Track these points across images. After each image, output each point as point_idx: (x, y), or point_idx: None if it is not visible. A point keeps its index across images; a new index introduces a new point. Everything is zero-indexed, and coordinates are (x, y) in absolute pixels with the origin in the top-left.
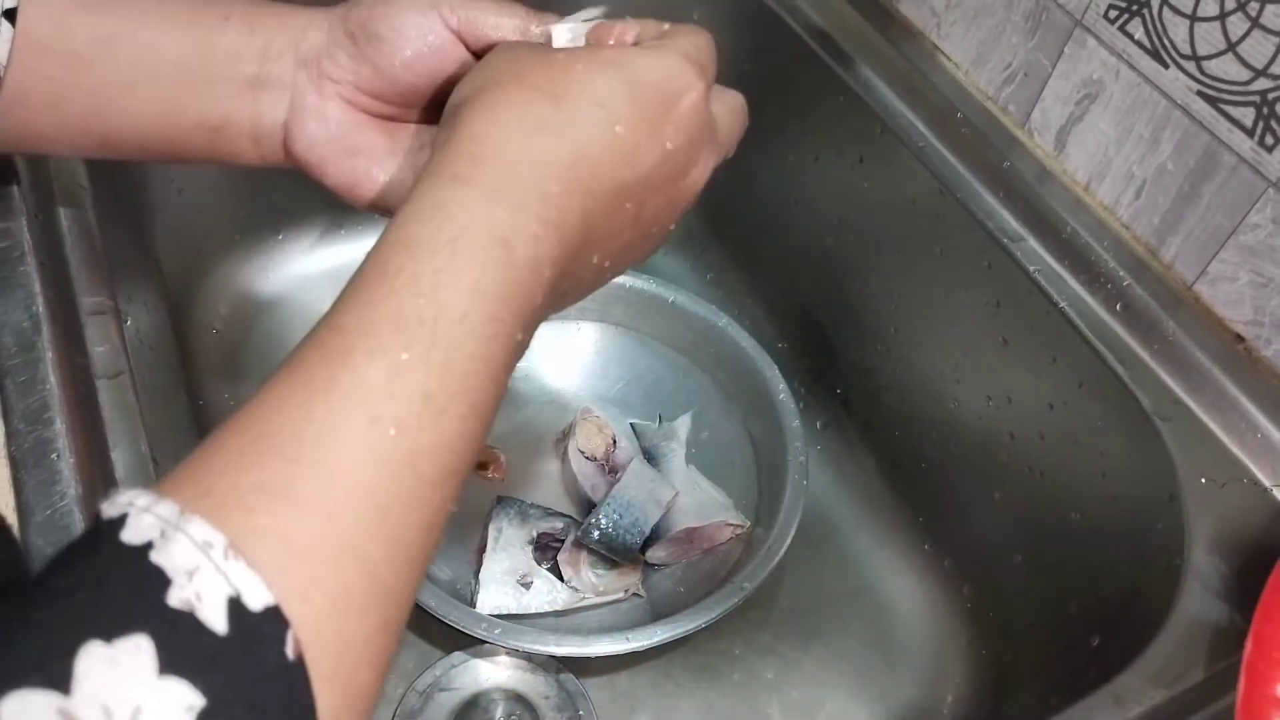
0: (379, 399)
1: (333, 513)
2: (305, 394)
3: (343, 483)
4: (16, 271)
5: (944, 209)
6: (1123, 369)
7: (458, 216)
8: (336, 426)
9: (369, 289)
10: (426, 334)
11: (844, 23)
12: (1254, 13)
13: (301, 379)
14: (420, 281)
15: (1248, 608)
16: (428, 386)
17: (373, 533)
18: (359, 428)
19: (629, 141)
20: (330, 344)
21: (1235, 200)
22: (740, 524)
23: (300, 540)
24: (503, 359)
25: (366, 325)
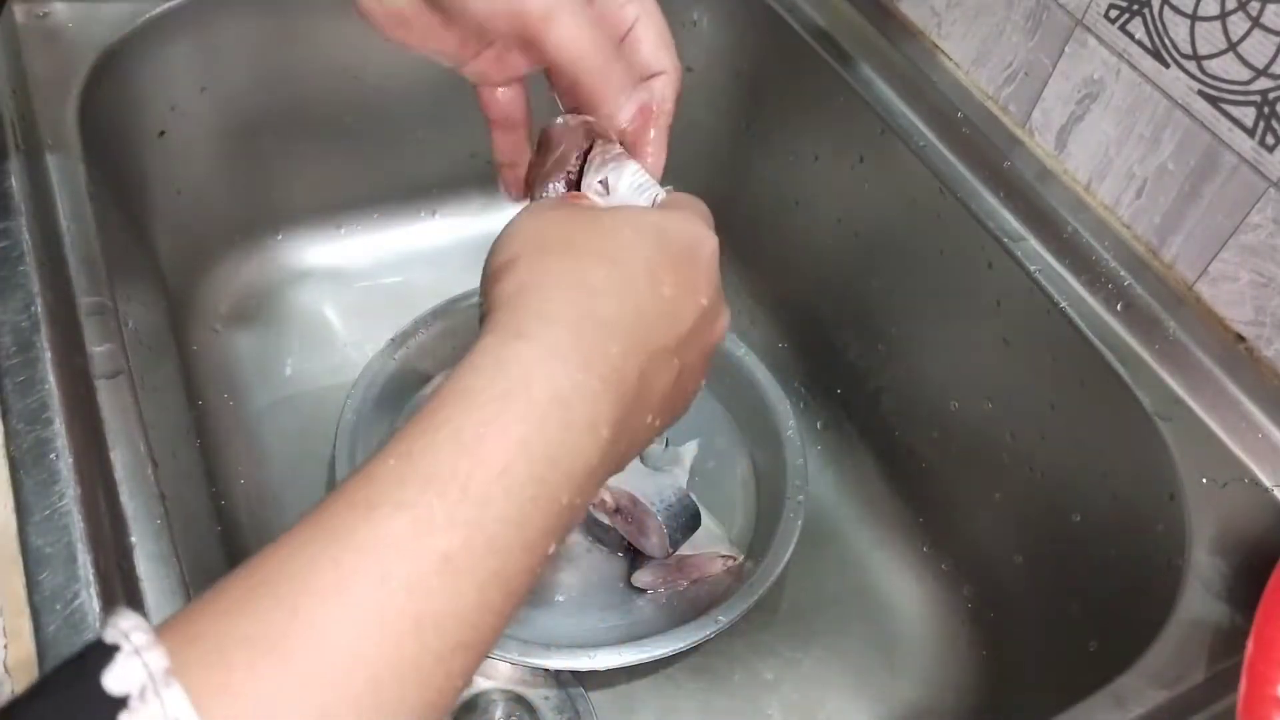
0: (393, 555)
1: (317, 678)
2: (321, 542)
3: (336, 645)
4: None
5: (944, 209)
6: (1124, 369)
7: (514, 371)
8: (342, 581)
9: (410, 439)
10: (457, 488)
11: (844, 22)
12: (1255, 12)
13: (322, 526)
14: (463, 433)
15: (1249, 608)
16: (449, 546)
17: (359, 705)
18: (366, 586)
19: (674, 301)
20: (357, 493)
21: (1236, 200)
22: (733, 556)
23: (274, 706)
24: (541, 524)
25: (398, 476)
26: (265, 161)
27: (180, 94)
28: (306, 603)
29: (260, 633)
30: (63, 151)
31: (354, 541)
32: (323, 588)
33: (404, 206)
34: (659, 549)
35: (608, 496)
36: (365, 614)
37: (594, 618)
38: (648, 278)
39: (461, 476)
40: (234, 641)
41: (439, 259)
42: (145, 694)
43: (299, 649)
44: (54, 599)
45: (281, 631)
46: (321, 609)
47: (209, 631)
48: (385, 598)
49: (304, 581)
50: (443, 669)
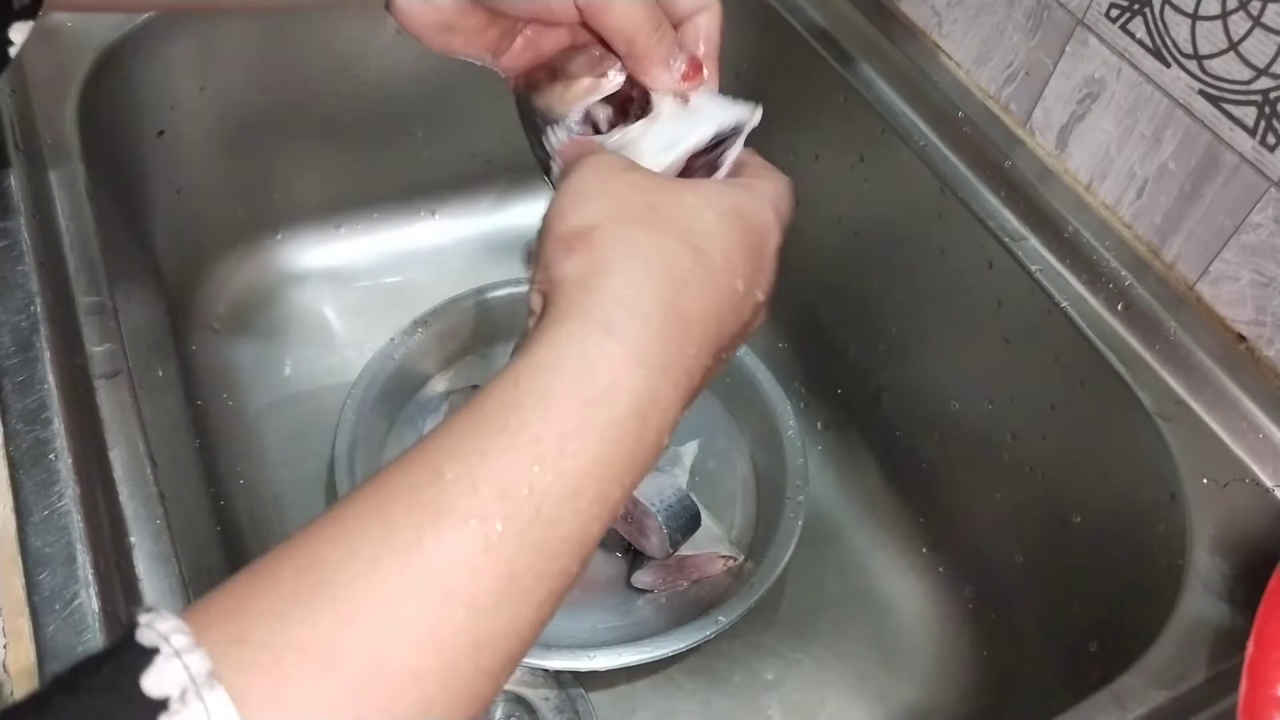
0: (460, 573)
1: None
2: (382, 543)
3: (392, 662)
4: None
5: (945, 208)
6: (1124, 369)
7: (601, 377)
8: (404, 596)
9: (485, 435)
10: (532, 507)
11: (845, 21)
12: (1256, 12)
13: (385, 523)
14: (543, 444)
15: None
16: (515, 567)
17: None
18: (428, 603)
19: (743, 297)
20: (425, 492)
21: (1237, 200)
22: (733, 557)
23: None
24: (597, 537)
25: (470, 482)
26: (265, 161)
27: (180, 94)
28: (365, 613)
29: (313, 642)
30: (62, 151)
31: (420, 551)
32: (383, 599)
33: (404, 206)
34: (659, 549)
35: None
36: (425, 632)
37: (594, 618)
38: (727, 271)
39: (538, 495)
40: (285, 647)
41: (439, 259)
42: (186, 696)
43: (353, 663)
44: (53, 599)
45: (336, 642)
46: (380, 622)
47: (256, 633)
48: (447, 615)
49: (363, 591)
50: (493, 685)
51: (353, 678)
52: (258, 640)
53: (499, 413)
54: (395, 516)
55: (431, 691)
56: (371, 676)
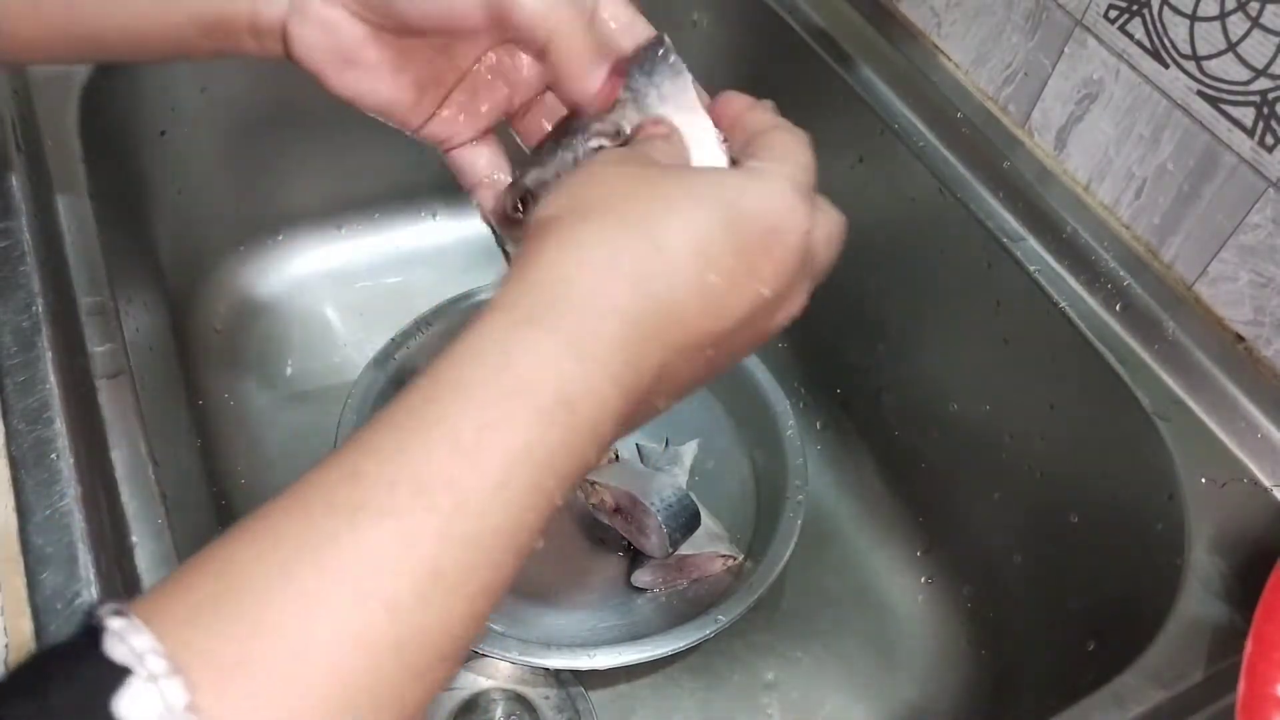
0: (376, 572)
1: (289, 701)
2: (296, 549)
3: (311, 669)
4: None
5: (944, 209)
6: (1123, 369)
7: (522, 365)
8: (320, 599)
9: (402, 431)
10: (452, 500)
11: (844, 22)
12: (1254, 13)
13: (298, 528)
14: (461, 436)
15: (1248, 608)
16: (440, 563)
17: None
18: (345, 605)
19: (722, 292)
20: (341, 493)
21: (1235, 200)
22: (732, 556)
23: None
24: (535, 528)
25: (387, 479)
26: (266, 162)
27: (181, 94)
28: (278, 618)
29: (226, 651)
30: (64, 152)
31: (335, 552)
32: (297, 603)
33: (404, 207)
34: (659, 549)
35: (608, 496)
36: (343, 635)
37: (594, 617)
38: (695, 264)
39: (459, 488)
40: (197, 658)
41: (439, 259)
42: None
43: (268, 671)
44: (55, 599)
45: (248, 650)
46: (295, 627)
47: (169, 643)
48: (365, 617)
49: (277, 593)
50: (422, 685)
51: (268, 686)
52: (170, 651)
53: (417, 407)
54: (311, 517)
55: (355, 696)
56: (288, 684)
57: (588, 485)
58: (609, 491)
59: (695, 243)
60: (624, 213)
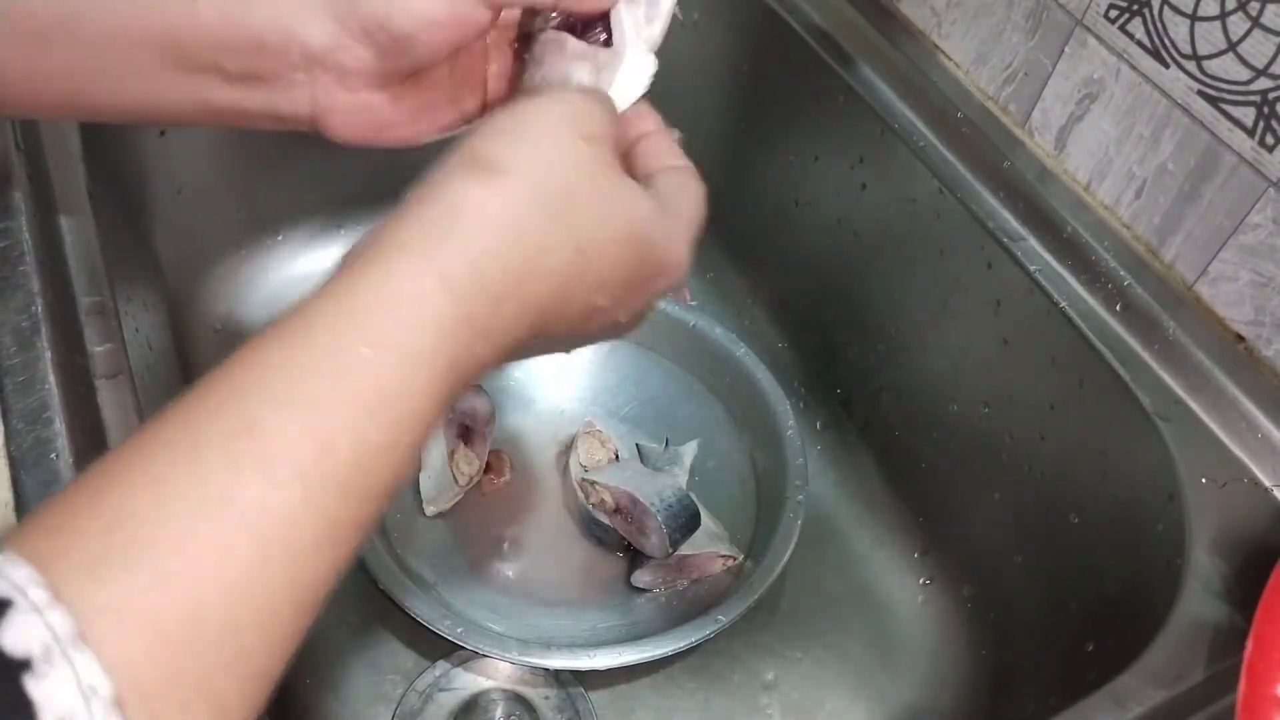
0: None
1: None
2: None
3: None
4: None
5: (944, 209)
6: (1123, 369)
7: (427, 332)
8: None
9: (306, 384)
10: (351, 461)
11: (844, 22)
12: (1254, 12)
13: (196, 476)
14: (366, 400)
15: (1248, 608)
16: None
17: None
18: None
19: (600, 310)
20: (241, 442)
21: (1236, 200)
22: (732, 556)
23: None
24: (406, 477)
25: (291, 435)
26: (266, 161)
27: None
28: (180, 569)
29: (127, 603)
30: (63, 151)
31: (237, 505)
32: (198, 554)
33: None
34: (659, 549)
35: (608, 496)
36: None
37: (594, 617)
38: (596, 287)
39: (359, 448)
40: (96, 610)
41: None
42: (51, 656)
43: (169, 621)
44: None
45: (149, 601)
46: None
47: (66, 591)
48: (265, 566)
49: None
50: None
51: (169, 636)
52: (69, 600)
53: (324, 354)
54: (210, 466)
55: (250, 640)
56: (190, 634)
57: (588, 485)
58: (609, 491)
59: (609, 269)
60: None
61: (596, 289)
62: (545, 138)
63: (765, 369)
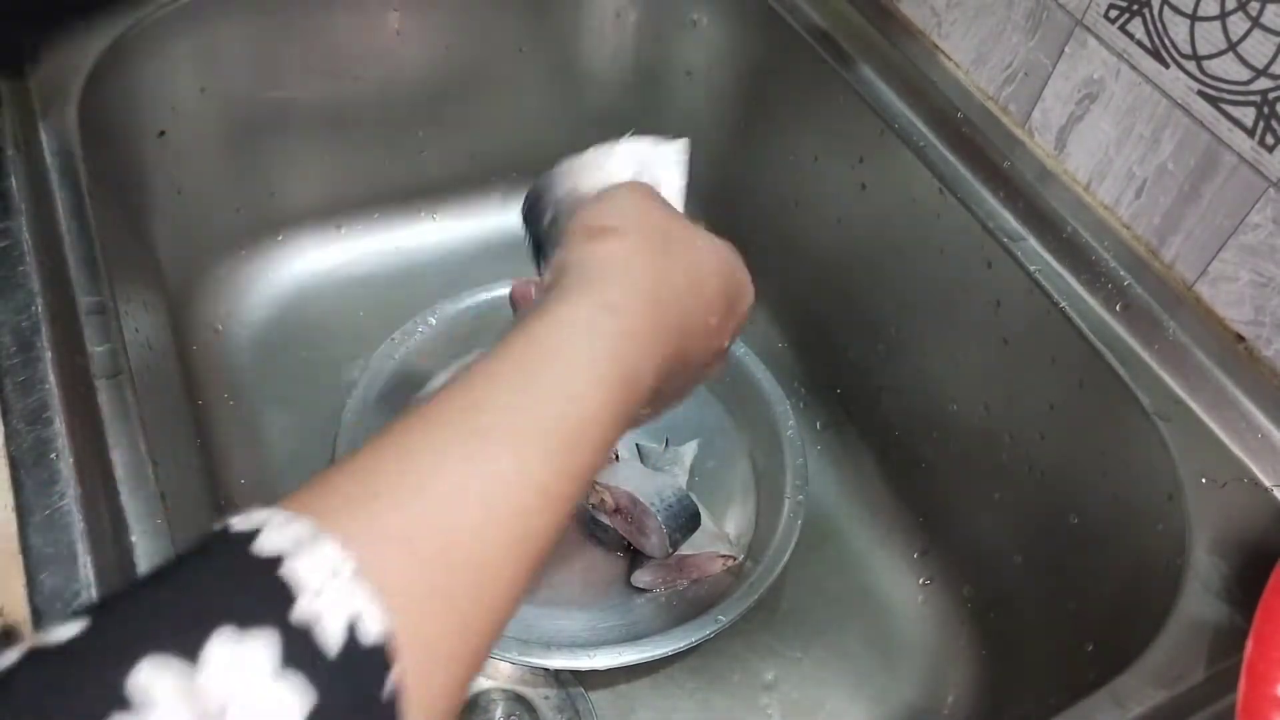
0: (499, 486)
1: (440, 575)
2: (440, 456)
3: (459, 546)
4: (16, 271)
5: (944, 209)
6: (1123, 369)
7: (602, 342)
8: (462, 494)
9: (512, 389)
10: (560, 440)
11: (845, 22)
12: (1254, 12)
13: (437, 442)
14: (567, 388)
15: (1248, 608)
16: (546, 484)
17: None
18: (479, 507)
19: (713, 331)
20: (475, 419)
21: (1236, 200)
22: (732, 556)
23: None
24: (598, 467)
25: (510, 415)
26: (265, 161)
27: (180, 94)
28: (432, 508)
29: (392, 525)
30: (63, 151)
31: (470, 463)
32: (444, 496)
33: (404, 207)
34: (659, 549)
35: (607, 496)
36: (478, 526)
37: (594, 617)
38: (705, 308)
39: (566, 430)
40: (354, 537)
41: (439, 260)
42: (300, 548)
43: (423, 546)
44: (54, 599)
45: (410, 525)
46: (446, 513)
47: (340, 517)
48: (493, 519)
49: (428, 488)
50: (518, 574)
51: (420, 554)
52: (337, 522)
53: (525, 365)
54: (446, 436)
55: (486, 578)
56: (438, 557)
57: None
58: (609, 491)
59: (713, 291)
60: (677, 251)
61: (708, 308)
62: (637, 202)
63: (765, 369)
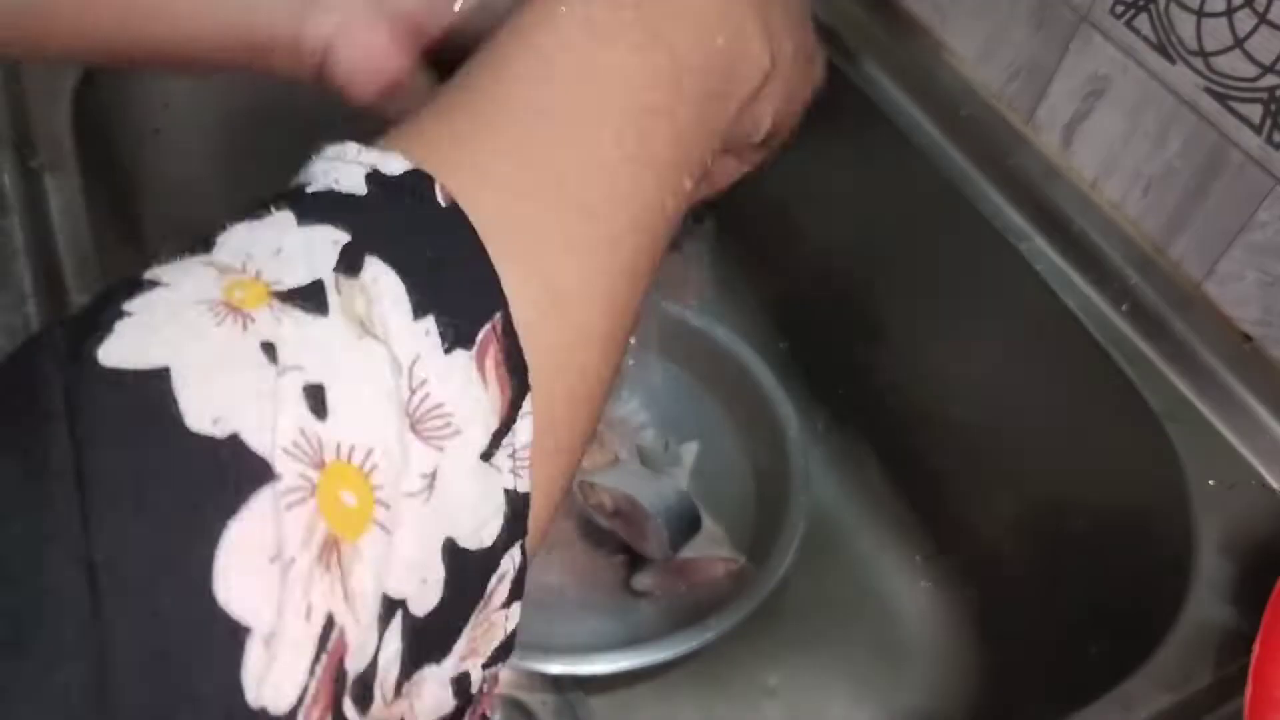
0: (623, 93)
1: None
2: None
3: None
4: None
5: (948, 206)
6: (1130, 369)
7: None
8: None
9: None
10: (681, 55)
11: (847, 18)
12: (1261, 8)
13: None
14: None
15: (1256, 611)
16: (672, 106)
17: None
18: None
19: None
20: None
21: (1243, 198)
22: (734, 559)
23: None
24: (701, 163)
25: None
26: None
27: (174, 91)
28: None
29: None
30: (56, 149)
31: (594, 60)
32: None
33: None
34: (659, 552)
35: (606, 499)
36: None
37: (593, 622)
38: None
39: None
40: (482, 151)
41: None
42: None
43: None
44: None
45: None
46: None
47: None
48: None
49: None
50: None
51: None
52: (451, 150)
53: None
54: (566, 44)
55: (591, 202)
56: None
57: (586, 487)
58: (608, 494)
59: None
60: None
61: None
62: None
63: (766, 369)
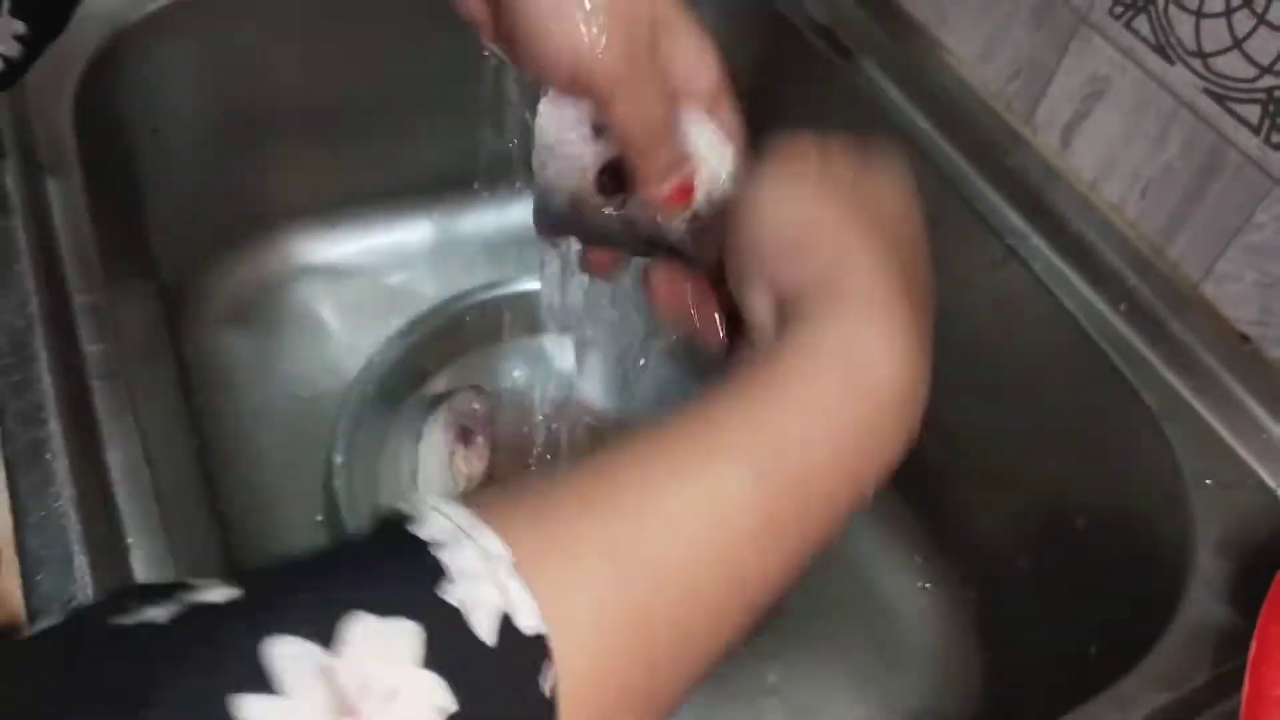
0: (730, 506)
1: (650, 597)
2: (667, 473)
3: (671, 574)
4: (11, 271)
5: (947, 206)
6: (1128, 369)
7: (857, 359)
8: (684, 515)
9: (754, 402)
10: (795, 462)
11: (847, 18)
12: (1260, 9)
13: (667, 458)
14: (809, 412)
15: (1253, 610)
16: (776, 509)
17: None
18: (704, 526)
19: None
20: (704, 435)
21: (1241, 199)
22: None
23: (591, 584)
24: (846, 505)
25: (745, 431)
26: (261, 159)
27: (175, 91)
28: (651, 523)
29: (604, 538)
30: (57, 149)
31: (700, 480)
32: (666, 515)
33: (401, 204)
34: None
35: None
36: (698, 552)
37: None
38: (916, 247)
39: (801, 450)
40: (578, 539)
41: (436, 258)
42: (457, 536)
43: (637, 564)
44: (50, 601)
45: (624, 543)
46: (663, 534)
47: (549, 526)
48: (717, 540)
49: (651, 504)
50: (735, 624)
51: (636, 577)
52: (551, 532)
53: (766, 383)
54: (679, 451)
55: (695, 615)
56: (652, 582)
57: None
58: None
59: (914, 231)
60: (867, 211)
61: (917, 246)
62: (793, 191)
63: None
